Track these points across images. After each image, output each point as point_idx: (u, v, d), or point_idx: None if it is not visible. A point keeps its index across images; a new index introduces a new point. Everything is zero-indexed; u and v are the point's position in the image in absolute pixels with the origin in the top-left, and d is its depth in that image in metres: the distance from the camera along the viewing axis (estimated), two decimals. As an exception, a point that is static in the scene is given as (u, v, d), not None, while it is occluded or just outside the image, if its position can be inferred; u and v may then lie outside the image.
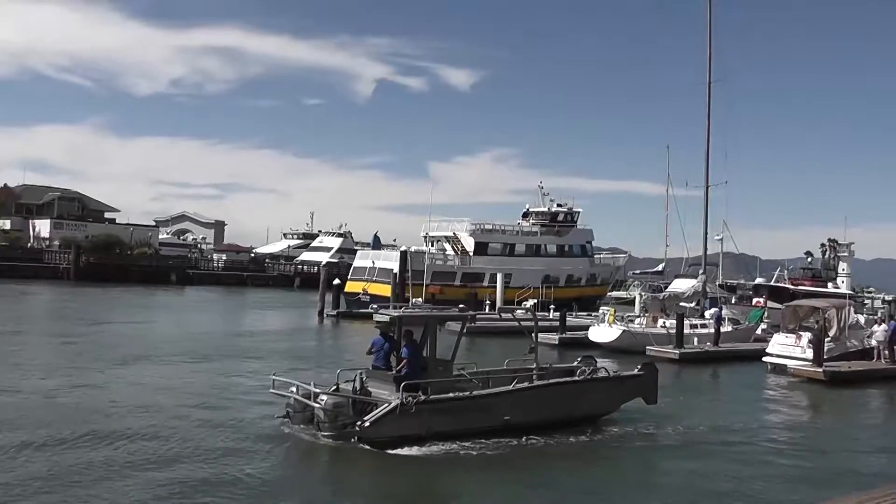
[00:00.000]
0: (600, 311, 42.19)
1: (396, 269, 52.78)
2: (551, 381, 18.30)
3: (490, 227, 63.72)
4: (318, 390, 16.07)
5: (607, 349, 35.75)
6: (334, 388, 16.46)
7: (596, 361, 20.03)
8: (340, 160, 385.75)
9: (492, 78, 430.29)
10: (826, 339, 30.12)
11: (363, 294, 55.10)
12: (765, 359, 31.90)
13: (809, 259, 75.51)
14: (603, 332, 36.99)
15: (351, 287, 56.09)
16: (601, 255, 72.16)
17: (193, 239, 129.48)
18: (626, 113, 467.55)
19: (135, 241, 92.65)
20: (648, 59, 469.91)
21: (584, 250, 67.39)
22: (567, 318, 40.96)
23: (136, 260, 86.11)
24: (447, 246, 61.59)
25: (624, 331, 36.40)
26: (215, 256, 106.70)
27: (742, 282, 72.52)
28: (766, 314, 44.33)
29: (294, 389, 16.70)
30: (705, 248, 44.07)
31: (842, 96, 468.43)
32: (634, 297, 48.89)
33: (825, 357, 29.33)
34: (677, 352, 34.11)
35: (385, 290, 52.48)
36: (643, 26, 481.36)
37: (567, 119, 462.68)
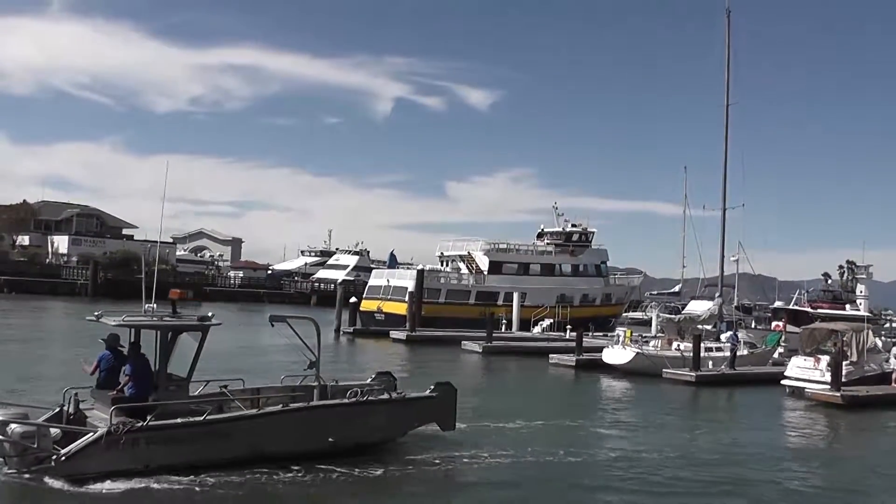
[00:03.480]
0: (616, 332, 42.03)
1: (411, 288, 52.91)
2: (311, 403, 15.84)
3: (504, 246, 63.72)
4: (3, 418, 13.19)
5: (622, 371, 35.70)
6: (56, 411, 14.21)
7: (395, 378, 18.17)
8: (358, 179, 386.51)
9: (510, 98, 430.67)
10: (844, 363, 29.87)
11: (377, 312, 55.24)
12: (783, 382, 31.64)
13: (829, 281, 74.92)
14: (617, 353, 36.81)
15: (366, 305, 56.23)
16: (616, 276, 72.02)
17: (210, 256, 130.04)
18: (644, 133, 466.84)
19: (152, 258, 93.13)
20: (666, 81, 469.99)
21: (598, 270, 67.25)
22: (583, 339, 40.82)
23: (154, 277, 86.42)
24: (462, 265, 61.65)
25: (637, 353, 36.22)
26: (232, 273, 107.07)
27: (759, 303, 72.11)
28: (783, 338, 44.01)
29: None
30: (722, 271, 43.98)
31: (861, 119, 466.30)
32: (651, 318, 48.71)
33: (843, 381, 29.09)
34: (693, 374, 33.93)
35: (400, 308, 52.59)
36: (661, 48, 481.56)
37: (584, 139, 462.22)
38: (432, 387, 17.77)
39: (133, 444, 13.32)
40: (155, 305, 14.98)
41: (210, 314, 15.38)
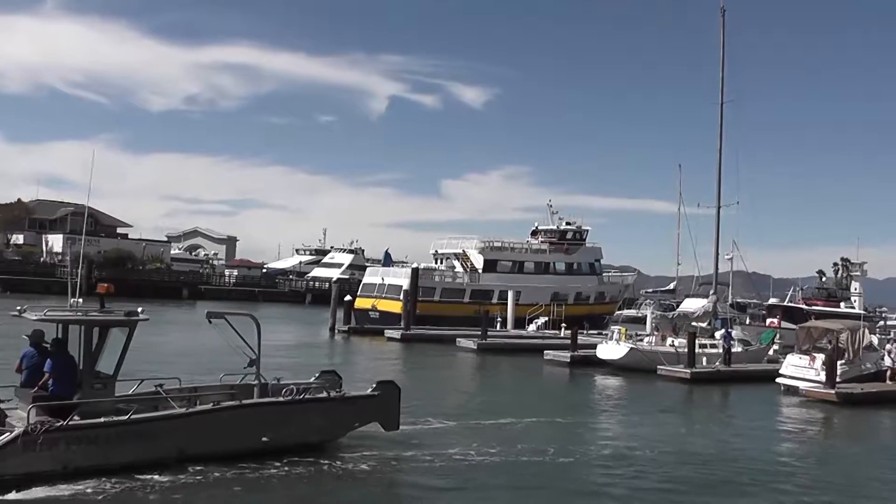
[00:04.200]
0: (611, 329, 42.07)
1: (406, 286, 52.82)
2: (242, 402, 15.25)
3: (499, 244, 63.69)
4: None
5: (616, 367, 35.72)
6: None
7: (340, 377, 17.60)
8: (353, 177, 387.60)
9: (504, 96, 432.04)
10: (839, 361, 29.89)
11: (372, 310, 55.15)
12: (778, 380, 31.67)
13: (824, 278, 75.09)
14: (611, 349, 36.86)
15: (361, 303, 56.14)
16: (609, 273, 72.07)
17: (205, 255, 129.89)
18: (639, 131, 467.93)
19: (147, 256, 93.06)
20: (661, 78, 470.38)
21: (592, 268, 67.30)
22: (578, 336, 40.80)
23: (148, 275, 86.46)
24: (456, 263, 61.59)
25: (632, 349, 36.27)
26: (227, 272, 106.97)
27: (753, 301, 72.21)
28: (778, 335, 44.05)
29: None
30: (716, 268, 43.99)
31: (855, 117, 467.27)
32: (646, 316, 48.77)
33: (839, 379, 29.13)
34: (689, 371, 33.93)
35: (395, 306, 52.52)
36: (656, 45, 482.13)
37: (579, 137, 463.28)
38: (374, 385, 17.22)
39: (52, 444, 12.70)
40: (81, 300, 14.36)
41: (139, 309, 14.66)
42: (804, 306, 60.39)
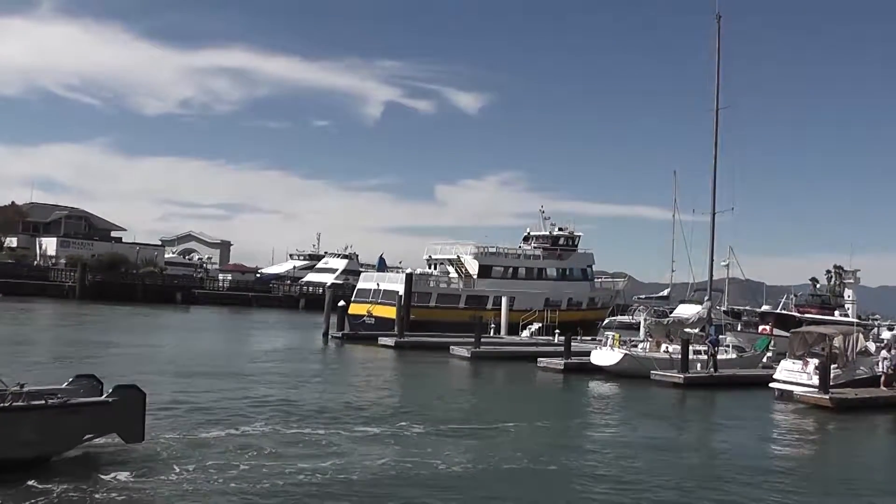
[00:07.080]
0: (604, 336, 42.04)
1: (401, 291, 52.71)
2: None
3: (493, 250, 63.71)
4: None
5: (610, 373, 35.72)
6: None
7: (100, 383, 15.30)
8: (347, 182, 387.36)
9: (499, 101, 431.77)
10: (833, 366, 29.93)
11: (368, 316, 54.98)
12: (772, 384, 31.73)
13: (818, 285, 75.10)
14: (605, 355, 36.85)
15: (355, 309, 55.97)
16: (601, 280, 72.14)
17: (199, 259, 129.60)
18: (634, 137, 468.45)
19: (140, 260, 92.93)
20: (656, 84, 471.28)
21: (584, 274, 67.37)
22: (571, 343, 40.74)
23: (142, 279, 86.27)
24: (450, 269, 61.53)
25: (625, 355, 36.26)
26: (220, 276, 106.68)
27: (748, 308, 72.27)
28: (772, 342, 44.10)
29: None
30: (711, 275, 44.06)
31: (851, 125, 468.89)
32: (639, 322, 48.78)
33: (833, 384, 29.17)
34: (682, 376, 33.97)
35: (389, 311, 52.37)
36: (651, 51, 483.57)
37: (574, 143, 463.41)
38: (111, 390, 14.82)
39: None
40: None
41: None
42: (797, 314, 60.40)
